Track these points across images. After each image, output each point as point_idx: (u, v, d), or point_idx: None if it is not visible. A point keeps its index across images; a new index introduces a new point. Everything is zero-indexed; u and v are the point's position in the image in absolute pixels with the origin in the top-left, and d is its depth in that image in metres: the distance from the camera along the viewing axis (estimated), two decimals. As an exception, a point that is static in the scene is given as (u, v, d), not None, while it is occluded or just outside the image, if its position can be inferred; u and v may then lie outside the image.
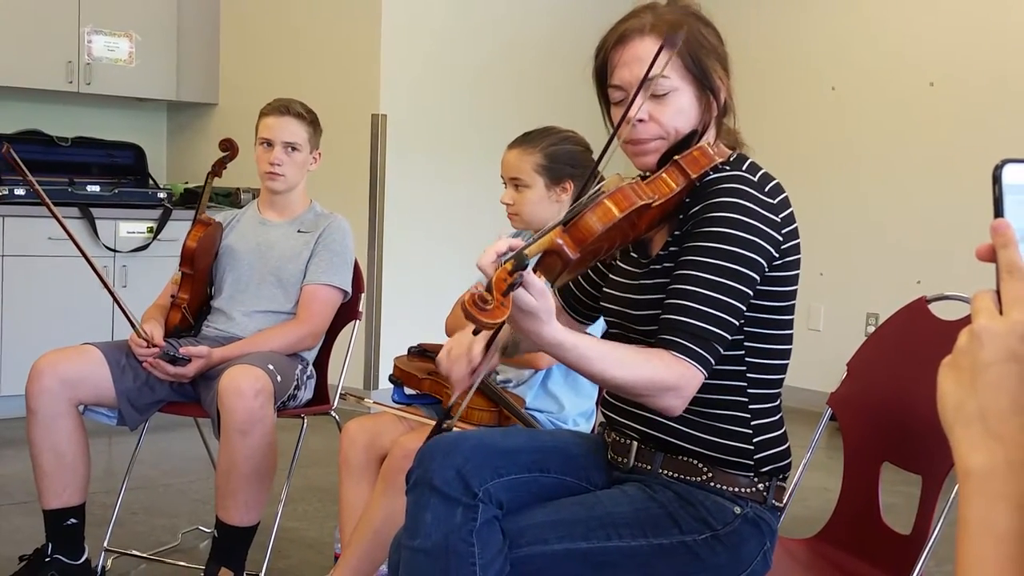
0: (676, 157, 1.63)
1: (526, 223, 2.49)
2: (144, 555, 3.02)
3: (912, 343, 1.96)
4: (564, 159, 2.44)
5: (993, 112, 4.74)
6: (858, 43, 5.23)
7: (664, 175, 1.62)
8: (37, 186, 2.81)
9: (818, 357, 4.38)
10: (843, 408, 2.05)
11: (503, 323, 1.39)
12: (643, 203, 1.55)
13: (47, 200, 2.81)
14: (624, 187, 1.56)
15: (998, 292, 0.77)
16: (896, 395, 1.93)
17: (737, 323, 1.59)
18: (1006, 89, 4.70)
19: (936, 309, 1.96)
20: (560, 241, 1.50)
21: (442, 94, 5.29)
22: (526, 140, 2.46)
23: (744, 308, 1.60)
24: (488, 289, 1.37)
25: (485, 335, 1.65)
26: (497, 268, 1.40)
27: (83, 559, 2.74)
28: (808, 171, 5.28)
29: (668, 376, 1.53)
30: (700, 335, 1.55)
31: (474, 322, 1.37)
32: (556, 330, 1.47)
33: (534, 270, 1.48)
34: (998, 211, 0.77)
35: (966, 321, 0.79)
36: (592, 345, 1.52)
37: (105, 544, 2.92)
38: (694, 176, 1.62)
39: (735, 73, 1.73)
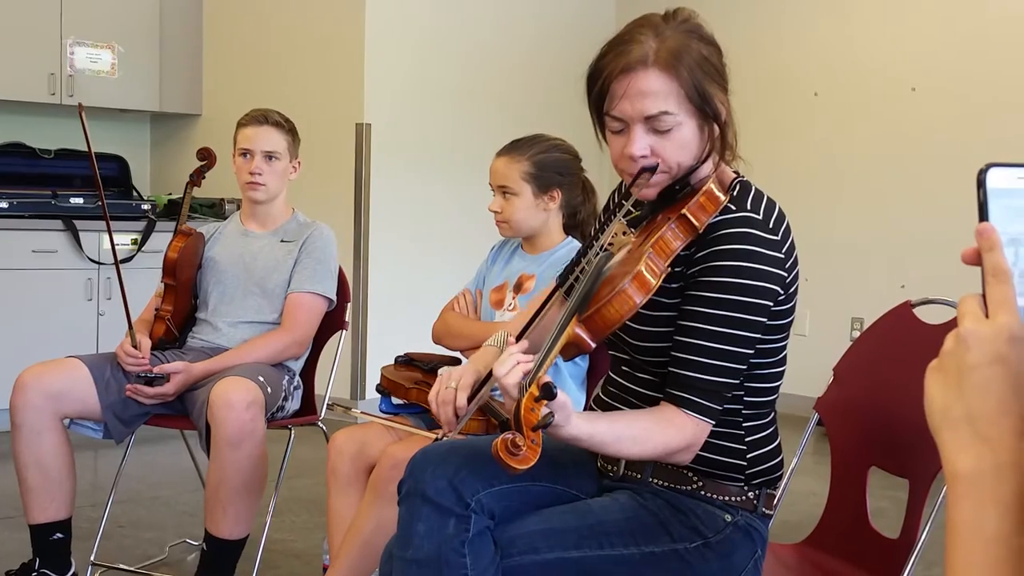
0: (684, 210, 1.57)
1: (514, 231, 2.49)
2: (131, 569, 3.00)
3: (897, 347, 1.97)
4: (552, 167, 2.44)
5: (975, 116, 4.77)
6: (840, 49, 5.26)
7: (671, 231, 1.57)
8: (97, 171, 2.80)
9: (804, 362, 4.38)
10: (830, 413, 2.06)
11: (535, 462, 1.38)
12: (658, 283, 1.54)
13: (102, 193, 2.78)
14: (640, 274, 1.52)
15: (984, 296, 0.77)
16: (882, 399, 1.94)
17: (746, 367, 1.60)
18: (987, 93, 4.73)
19: (921, 313, 1.97)
20: (580, 332, 1.51)
21: (426, 103, 5.29)
22: (514, 148, 2.46)
23: (752, 352, 1.60)
24: (518, 427, 1.35)
25: (473, 385, 1.65)
26: (521, 389, 1.39)
27: (70, 574, 2.72)
28: (792, 176, 5.30)
29: (682, 439, 1.56)
30: (711, 389, 1.56)
31: (507, 469, 1.35)
32: (573, 427, 1.47)
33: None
34: (983, 215, 0.78)
35: (951, 325, 0.80)
36: (606, 430, 1.53)
37: (92, 558, 2.90)
38: (701, 228, 1.59)
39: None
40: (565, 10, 5.75)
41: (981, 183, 0.78)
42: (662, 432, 1.55)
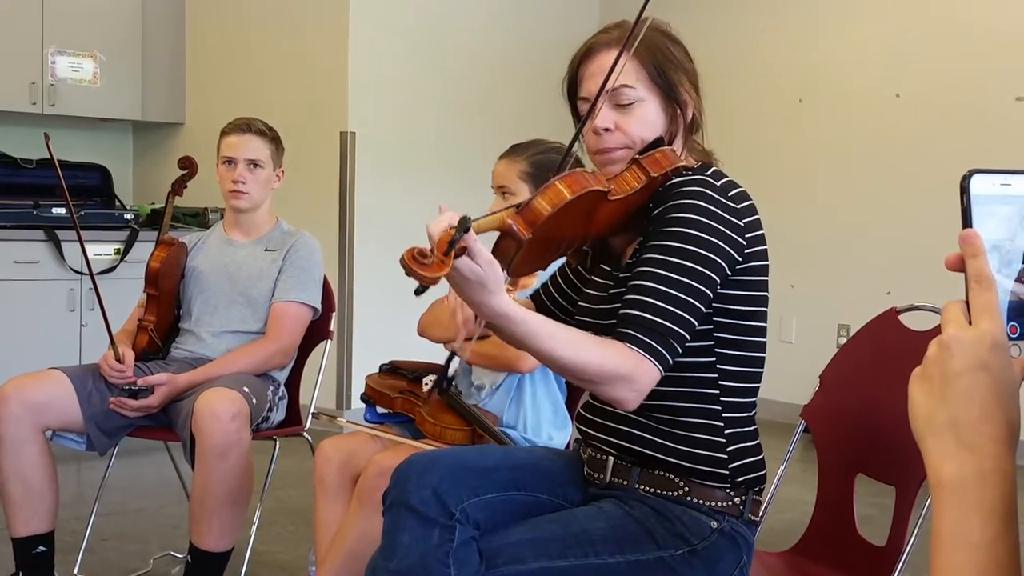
0: (638, 156, 1.65)
1: None
2: (115, 582, 2.98)
3: (883, 354, 1.97)
4: (549, 168, 2.46)
5: (959, 123, 4.79)
6: (825, 56, 5.28)
7: (625, 172, 1.63)
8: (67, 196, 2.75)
9: (790, 369, 4.40)
10: (816, 420, 2.05)
11: (439, 278, 1.38)
12: (595, 188, 1.54)
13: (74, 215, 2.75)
14: (576, 171, 1.56)
15: (967, 302, 0.77)
16: (868, 406, 1.94)
17: (696, 322, 1.58)
18: (971, 100, 4.76)
19: (906, 320, 1.97)
20: (511, 222, 1.49)
21: (411, 111, 5.29)
22: (514, 150, 2.51)
23: (703, 308, 1.59)
24: (431, 249, 1.37)
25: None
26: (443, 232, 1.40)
27: (53, 587, 2.70)
28: (777, 183, 5.31)
29: (620, 365, 1.51)
30: (655, 329, 1.54)
31: (411, 275, 1.35)
32: (504, 302, 1.45)
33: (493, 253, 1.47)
34: (966, 221, 0.78)
35: (936, 331, 0.80)
36: (542, 323, 1.50)
37: (75, 571, 2.88)
38: (655, 174, 1.62)
39: (703, 85, 1.74)
40: (549, 18, 5.75)
41: (964, 189, 0.78)
42: (601, 348, 1.52)
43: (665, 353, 1.54)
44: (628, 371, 1.51)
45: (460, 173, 5.39)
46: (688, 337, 1.58)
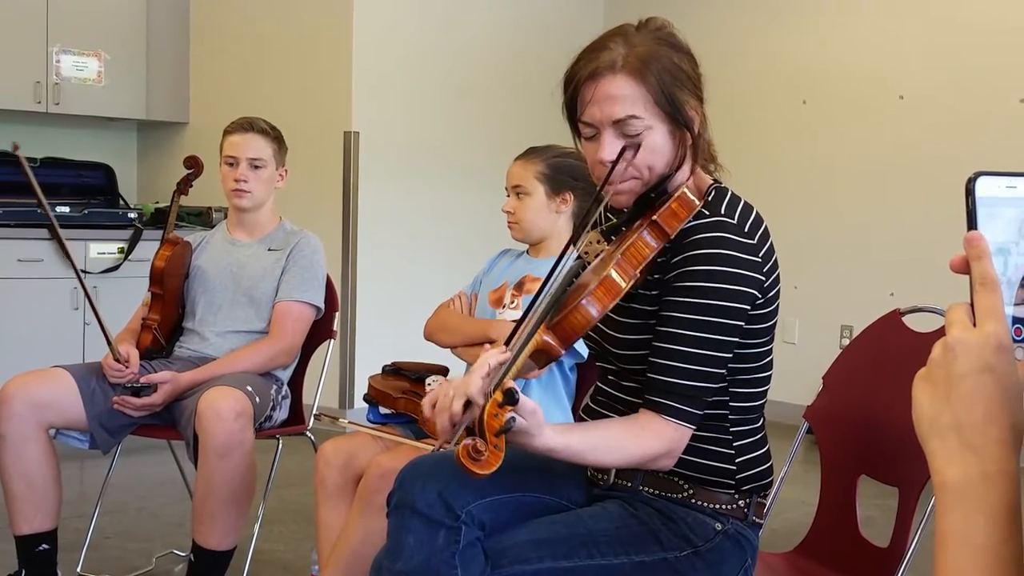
0: (655, 216, 1.58)
1: (525, 232, 2.51)
2: (117, 580, 2.98)
3: (886, 356, 1.97)
4: (566, 171, 2.48)
5: (963, 124, 4.78)
6: (829, 57, 5.27)
7: (642, 238, 1.57)
8: (41, 196, 2.73)
9: (793, 370, 4.39)
10: (819, 421, 2.05)
11: (498, 466, 1.37)
12: (624, 290, 1.53)
13: (47, 208, 2.72)
14: (608, 278, 1.51)
15: (972, 304, 0.77)
16: (871, 408, 1.94)
17: (724, 371, 1.60)
18: (976, 102, 4.75)
19: (910, 321, 1.97)
20: (547, 339, 1.50)
21: (414, 111, 5.29)
22: (531, 152, 2.52)
23: (730, 356, 1.60)
24: (480, 433, 1.35)
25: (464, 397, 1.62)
26: (486, 398, 1.39)
27: (56, 585, 2.70)
28: (780, 184, 5.31)
29: (659, 446, 1.56)
30: (688, 394, 1.56)
31: (470, 475, 1.35)
32: (547, 439, 1.47)
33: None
34: (971, 223, 0.78)
35: (940, 333, 0.80)
36: (581, 439, 1.53)
37: (78, 569, 2.88)
38: (673, 234, 1.59)
39: (708, 87, 1.72)
40: (554, 18, 5.75)
41: (970, 191, 0.78)
42: (637, 439, 1.55)
43: (699, 413, 1.58)
44: (667, 447, 1.57)
45: (463, 173, 5.40)
46: (717, 387, 1.60)
